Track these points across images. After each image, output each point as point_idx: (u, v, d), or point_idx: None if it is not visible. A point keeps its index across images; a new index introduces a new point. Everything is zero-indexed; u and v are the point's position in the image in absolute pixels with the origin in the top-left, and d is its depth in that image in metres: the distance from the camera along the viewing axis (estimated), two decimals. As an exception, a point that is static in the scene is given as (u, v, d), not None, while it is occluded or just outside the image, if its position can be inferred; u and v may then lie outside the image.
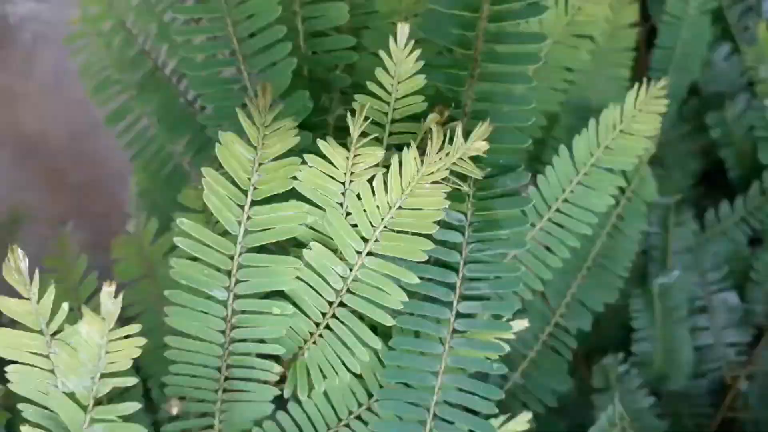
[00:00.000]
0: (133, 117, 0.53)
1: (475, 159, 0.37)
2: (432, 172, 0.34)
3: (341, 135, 0.37)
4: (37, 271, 0.30)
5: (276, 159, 0.34)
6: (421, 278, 0.37)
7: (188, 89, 0.50)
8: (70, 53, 0.55)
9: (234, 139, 0.33)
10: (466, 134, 0.36)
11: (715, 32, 0.89)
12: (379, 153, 0.34)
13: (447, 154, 0.35)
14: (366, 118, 0.37)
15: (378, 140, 0.38)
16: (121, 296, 0.31)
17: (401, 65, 0.36)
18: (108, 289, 0.31)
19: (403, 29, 0.35)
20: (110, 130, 0.54)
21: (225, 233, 0.35)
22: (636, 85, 0.44)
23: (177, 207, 0.43)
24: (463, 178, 0.37)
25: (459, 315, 0.38)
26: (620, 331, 0.80)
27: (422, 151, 0.36)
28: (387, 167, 0.36)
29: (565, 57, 0.47)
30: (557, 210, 0.45)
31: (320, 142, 0.34)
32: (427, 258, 0.36)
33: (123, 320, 0.50)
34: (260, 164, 0.34)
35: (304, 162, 0.35)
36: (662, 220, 0.82)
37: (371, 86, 0.37)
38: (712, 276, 0.85)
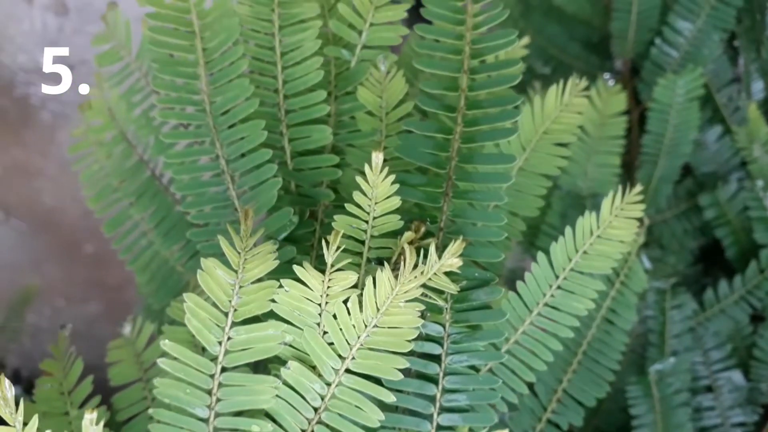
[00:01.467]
0: (130, 224, 0.55)
1: (450, 273, 0.38)
2: (406, 291, 0.36)
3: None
4: (22, 401, 0.32)
5: (256, 282, 0.36)
6: (400, 392, 0.38)
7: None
8: (74, 162, 0.58)
9: (215, 264, 0.35)
10: (443, 248, 0.38)
11: (705, 114, 0.92)
12: (352, 277, 0.35)
13: (421, 273, 0.36)
14: (346, 236, 0.39)
15: (358, 254, 0.40)
16: (102, 424, 0.32)
17: (377, 188, 0.38)
18: (90, 416, 0.32)
19: (377, 157, 0.37)
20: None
21: (206, 351, 0.36)
22: (611, 193, 0.46)
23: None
24: (440, 292, 0.39)
25: (439, 428, 0.39)
26: (621, 415, 0.79)
27: (398, 267, 0.37)
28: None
29: (543, 165, 0.48)
30: (539, 314, 0.46)
31: (296, 268, 0.35)
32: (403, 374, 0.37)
33: (116, 425, 0.51)
34: (240, 287, 0.36)
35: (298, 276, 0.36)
36: (659, 304, 0.83)
37: (350, 207, 0.39)
38: (715, 355, 0.85)
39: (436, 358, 0.39)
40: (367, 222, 0.39)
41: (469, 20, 0.43)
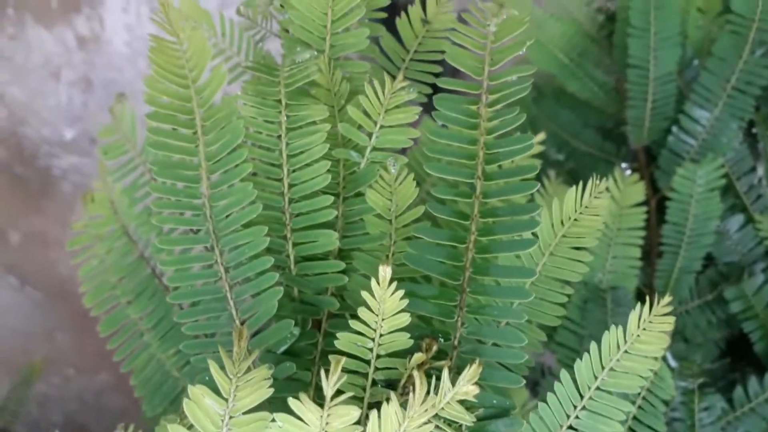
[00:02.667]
0: (127, 323, 0.53)
1: (464, 401, 0.35)
2: (416, 426, 0.32)
3: (329, 361, 0.35)
4: None
5: (247, 412, 0.32)
6: None
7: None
8: (72, 256, 0.56)
9: (204, 392, 0.32)
10: (457, 370, 0.35)
11: (726, 203, 0.89)
12: (354, 413, 0.32)
13: (433, 404, 0.33)
14: (350, 355, 0.36)
15: (363, 375, 0.37)
16: None
17: (385, 303, 0.35)
18: None
19: (385, 271, 0.34)
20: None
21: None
22: (638, 305, 0.42)
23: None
24: (453, 423, 0.35)
25: None
26: None
27: (407, 391, 0.34)
28: (375, 404, 0.34)
29: (563, 270, 0.45)
30: (562, 437, 0.42)
31: (291, 401, 0.32)
32: None
33: None
34: (231, 417, 0.32)
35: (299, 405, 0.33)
36: (686, 405, 0.78)
37: (355, 324, 0.36)
38: (748, 458, 0.79)
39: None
40: (373, 340, 0.36)
41: (483, 124, 0.41)
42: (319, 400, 0.32)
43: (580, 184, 0.48)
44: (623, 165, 0.83)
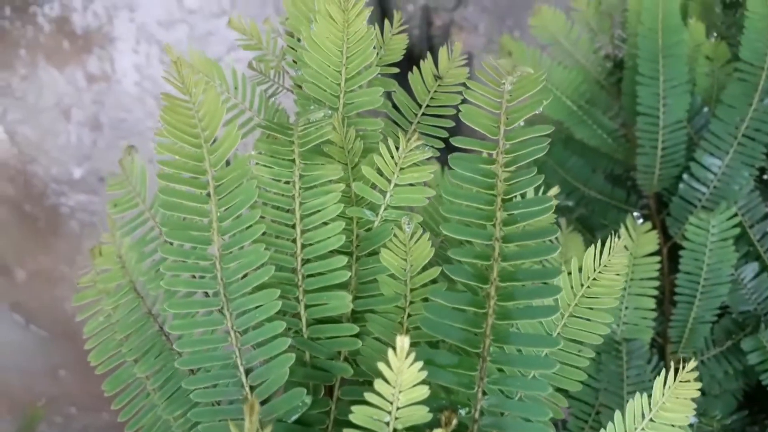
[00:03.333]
0: (133, 383, 0.51)
1: (485, 477, 0.33)
2: None
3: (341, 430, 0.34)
4: None
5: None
6: None
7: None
8: (78, 312, 0.54)
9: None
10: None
11: (740, 250, 0.87)
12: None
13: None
14: (365, 429, 0.35)
15: (379, 448, 0.35)
16: None
17: (402, 375, 0.34)
18: None
19: (402, 341, 0.33)
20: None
21: None
22: (663, 371, 0.41)
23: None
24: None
25: None
26: None
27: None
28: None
29: (583, 333, 0.44)
30: None
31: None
32: None
33: None
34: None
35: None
36: (708, 465, 0.75)
37: (370, 397, 0.34)
38: None
39: None
40: (389, 413, 0.35)
41: (500, 185, 0.40)
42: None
43: (599, 242, 0.47)
44: (635, 214, 0.82)
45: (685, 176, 0.88)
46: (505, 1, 2.14)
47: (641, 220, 0.81)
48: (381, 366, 0.34)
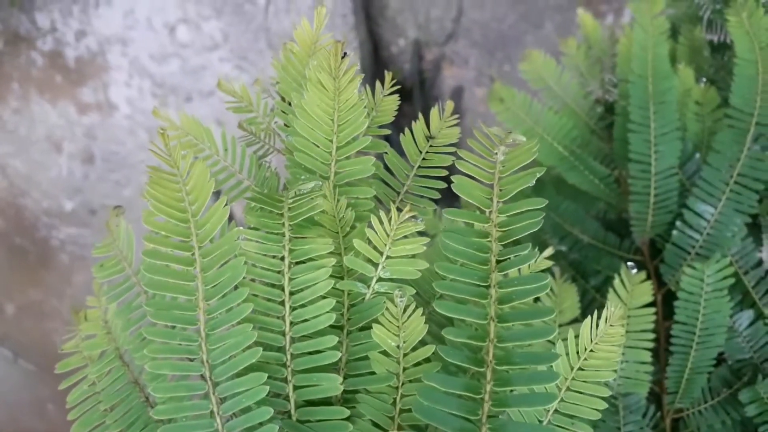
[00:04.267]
0: (115, 458, 0.49)
1: None
2: None
3: None
4: None
5: None
6: None
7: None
8: (63, 382, 0.53)
9: None
10: None
11: (734, 298, 0.87)
12: None
13: None
14: None
15: None
16: None
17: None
18: None
19: (395, 435, 0.32)
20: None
21: None
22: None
23: None
24: None
25: None
26: None
27: None
28: None
29: (581, 408, 0.43)
30: None
31: None
32: None
33: None
34: None
35: None
36: None
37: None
38: None
39: None
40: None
41: (494, 259, 0.39)
42: None
43: (595, 313, 0.46)
44: (630, 264, 0.81)
45: (678, 223, 0.88)
46: (495, 34, 2.16)
47: (635, 270, 0.81)
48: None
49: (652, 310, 0.78)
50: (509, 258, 0.39)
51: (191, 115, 0.50)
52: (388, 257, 0.42)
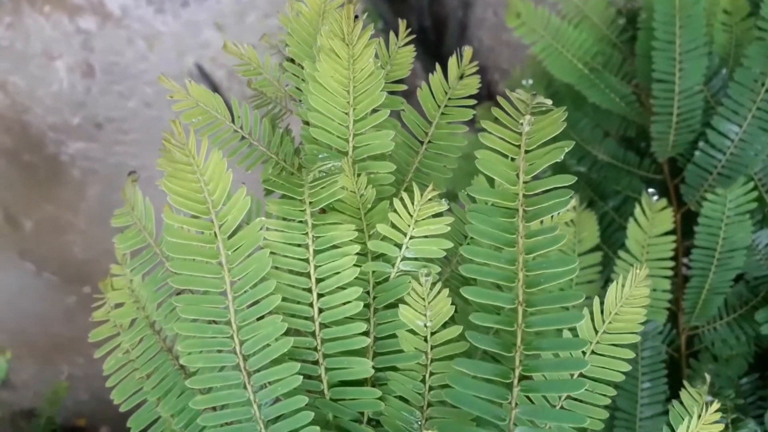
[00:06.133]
0: (158, 422, 0.51)
1: None
2: None
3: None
4: None
5: None
6: None
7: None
8: (96, 351, 0.54)
9: None
10: None
11: (756, 216, 0.86)
12: None
13: None
14: None
15: None
16: None
17: (429, 460, 0.34)
18: None
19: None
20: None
21: None
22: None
23: None
24: None
25: None
26: None
27: None
28: None
29: (605, 371, 0.44)
30: None
31: None
32: None
33: None
34: None
35: None
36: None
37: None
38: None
39: None
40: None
41: (521, 241, 0.38)
42: None
43: (620, 278, 0.46)
44: (650, 191, 0.80)
45: (701, 144, 0.86)
46: None
47: (656, 198, 0.80)
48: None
49: (672, 238, 0.78)
50: (537, 239, 0.38)
51: (201, 86, 0.48)
52: (411, 237, 0.41)
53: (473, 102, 0.52)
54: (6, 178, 2.24)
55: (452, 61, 0.52)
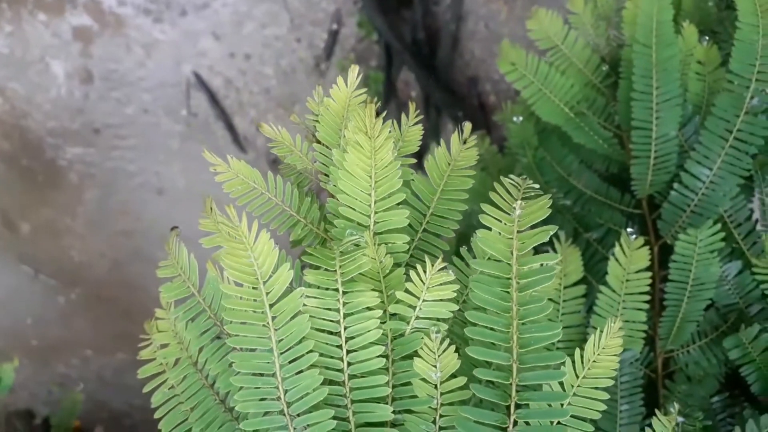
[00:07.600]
0: (201, 450, 0.59)
1: None
2: None
3: None
4: None
5: None
6: None
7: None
8: (145, 386, 0.62)
9: None
10: None
11: (726, 249, 0.95)
12: None
13: None
14: None
15: None
16: None
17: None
18: None
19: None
20: (148, 258, 0.58)
21: None
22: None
23: None
24: None
25: None
26: None
27: None
28: None
29: (582, 410, 0.52)
30: None
31: None
32: None
33: None
34: None
35: None
36: (689, 454, 0.86)
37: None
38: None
39: None
40: None
41: (515, 308, 0.47)
42: None
43: (598, 332, 0.54)
44: (629, 230, 0.89)
45: (675, 185, 0.95)
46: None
47: (634, 237, 0.88)
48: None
49: (648, 274, 0.87)
50: (528, 307, 0.46)
51: (242, 161, 0.56)
52: (424, 300, 0.50)
53: (473, 173, 0.60)
54: (4, 182, 2.29)
55: (454, 137, 0.60)
